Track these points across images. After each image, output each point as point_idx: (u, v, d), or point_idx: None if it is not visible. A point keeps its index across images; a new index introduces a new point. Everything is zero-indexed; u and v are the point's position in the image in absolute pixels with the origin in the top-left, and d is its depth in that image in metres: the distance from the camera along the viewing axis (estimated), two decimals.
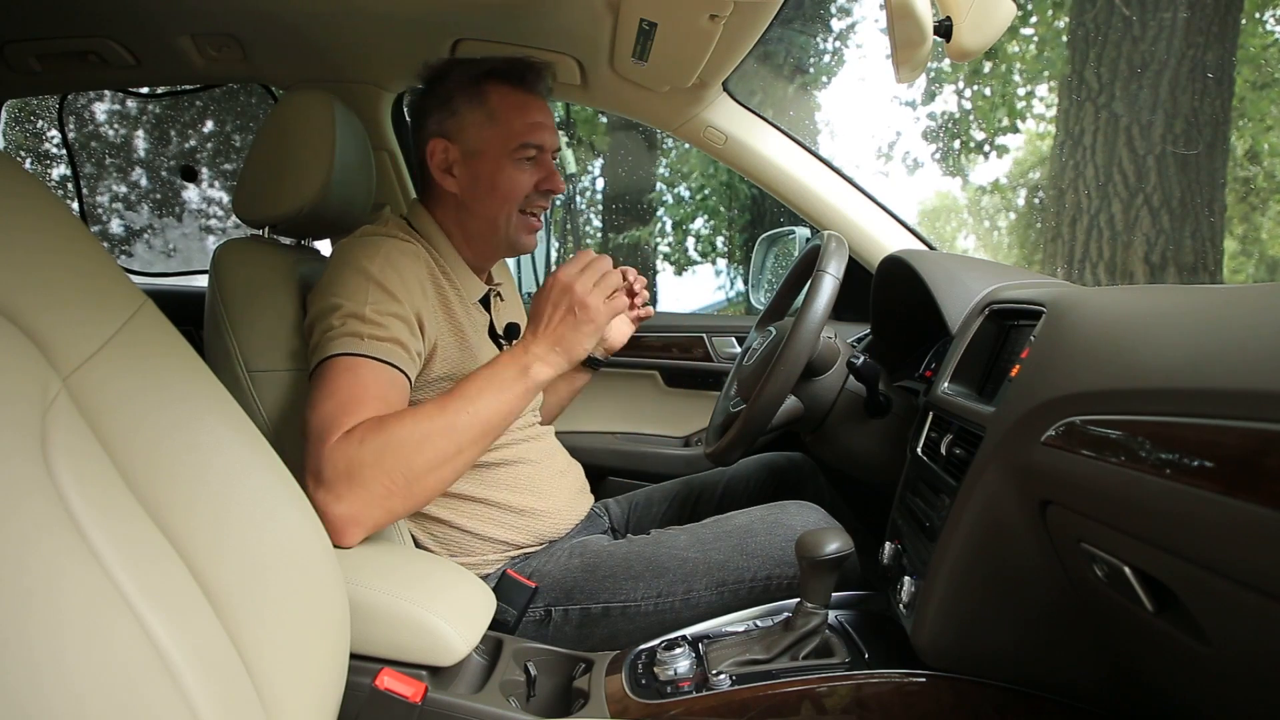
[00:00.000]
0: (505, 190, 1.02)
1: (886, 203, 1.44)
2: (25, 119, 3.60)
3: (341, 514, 0.77)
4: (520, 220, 1.04)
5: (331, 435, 0.79)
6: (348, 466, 0.77)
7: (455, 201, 1.04)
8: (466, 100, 1.01)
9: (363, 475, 0.77)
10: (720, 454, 1.03)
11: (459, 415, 0.81)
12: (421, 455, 0.79)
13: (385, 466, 0.77)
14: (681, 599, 0.96)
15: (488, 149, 1.01)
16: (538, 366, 0.84)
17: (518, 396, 0.84)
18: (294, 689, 0.56)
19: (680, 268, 5.98)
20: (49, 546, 0.40)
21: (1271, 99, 4.06)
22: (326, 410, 0.81)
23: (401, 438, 0.78)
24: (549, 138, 1.03)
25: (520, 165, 1.02)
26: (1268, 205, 4.38)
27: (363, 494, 0.77)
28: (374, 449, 0.77)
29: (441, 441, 0.80)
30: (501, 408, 0.83)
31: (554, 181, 1.04)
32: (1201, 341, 0.50)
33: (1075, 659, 0.70)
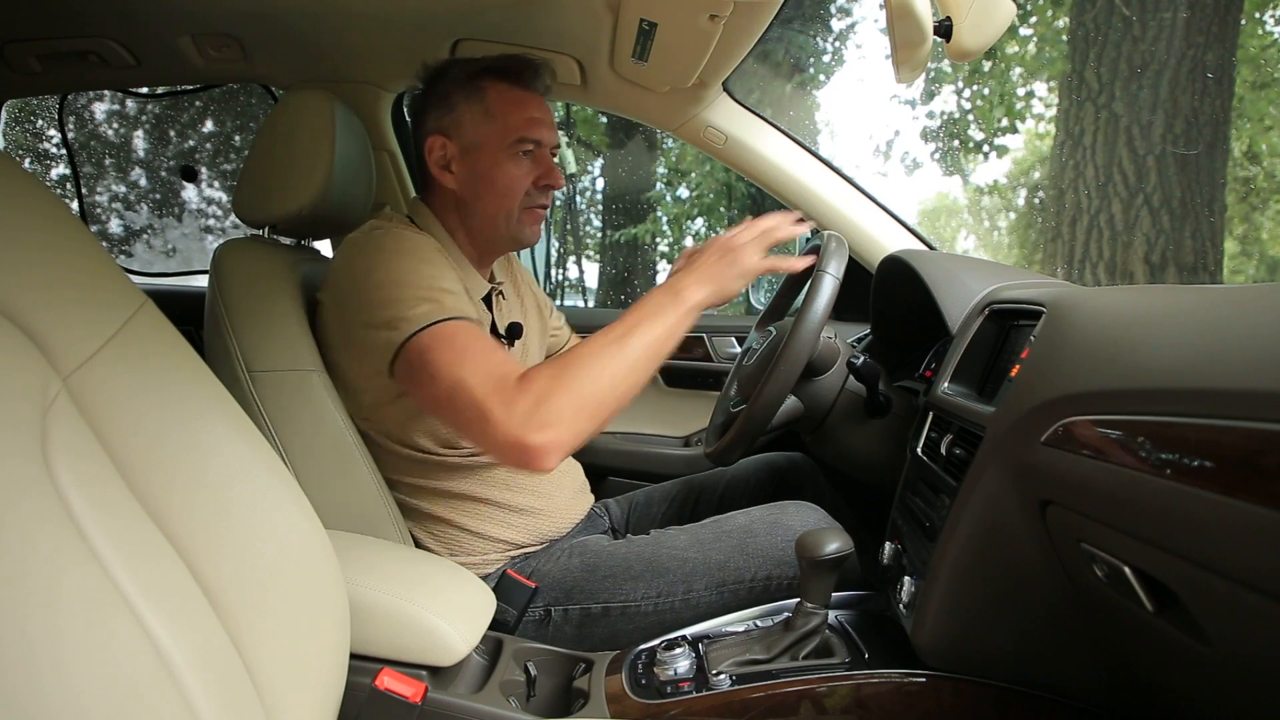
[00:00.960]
0: (503, 186, 1.02)
1: (886, 203, 1.44)
2: (25, 119, 3.60)
3: (539, 443, 0.78)
4: (522, 215, 1.05)
5: (507, 380, 0.81)
6: (537, 399, 0.79)
7: (455, 198, 1.04)
8: (464, 97, 1.01)
9: (553, 403, 0.79)
10: (720, 454, 1.02)
11: (626, 340, 0.84)
12: (603, 377, 0.81)
13: (572, 393, 0.80)
14: (681, 599, 0.96)
15: (485, 144, 1.01)
16: (691, 290, 0.88)
17: (677, 319, 0.86)
18: (294, 689, 0.56)
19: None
20: (49, 546, 0.40)
21: (1271, 99, 4.06)
22: (477, 365, 0.82)
23: (579, 368, 0.81)
24: (546, 134, 1.03)
25: (518, 161, 1.02)
26: (1268, 205, 4.38)
27: (555, 421, 0.79)
28: (556, 379, 0.80)
29: (616, 364, 0.82)
30: (661, 331, 0.85)
31: (553, 176, 1.04)
32: (1201, 341, 0.50)
33: (1075, 659, 0.70)
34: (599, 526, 1.21)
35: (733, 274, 0.89)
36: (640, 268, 5.92)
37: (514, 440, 0.78)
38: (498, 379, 0.81)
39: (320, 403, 0.96)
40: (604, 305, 5.45)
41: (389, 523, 0.97)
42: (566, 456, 0.82)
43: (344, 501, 0.96)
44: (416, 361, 0.85)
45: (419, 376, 0.85)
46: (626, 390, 0.83)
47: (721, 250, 0.90)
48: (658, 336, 0.85)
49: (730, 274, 0.89)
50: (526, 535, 1.05)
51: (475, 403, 0.80)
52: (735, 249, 0.90)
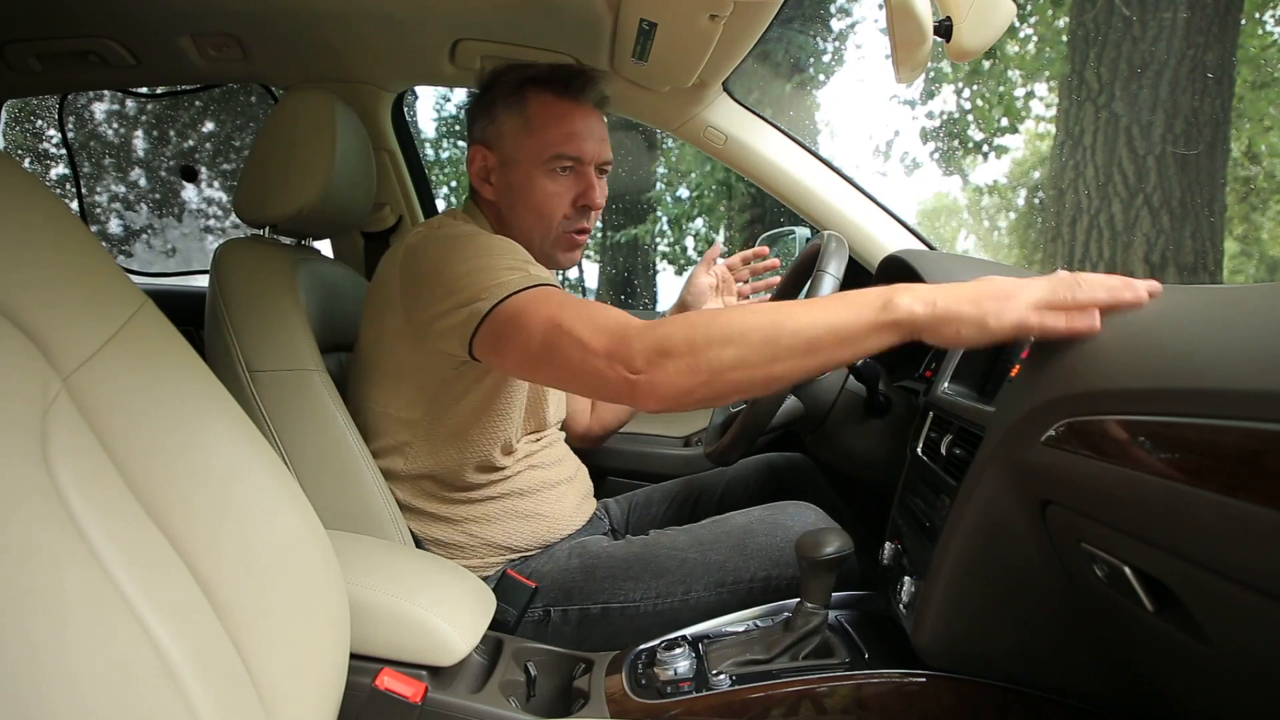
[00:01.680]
0: (538, 203, 0.99)
1: (886, 203, 1.44)
2: (25, 119, 3.60)
3: (643, 383, 0.72)
4: (559, 238, 1.01)
5: (631, 322, 0.75)
6: (658, 341, 0.72)
7: (495, 210, 1.03)
8: (506, 107, 0.99)
9: (672, 351, 0.71)
10: (720, 454, 1.03)
11: (788, 319, 0.70)
12: (734, 349, 0.70)
13: (696, 349, 0.71)
14: (680, 599, 0.96)
15: (521, 158, 0.98)
16: (904, 299, 0.68)
17: (868, 324, 0.68)
18: (294, 689, 0.56)
19: (680, 267, 5.99)
20: (49, 546, 0.40)
21: (1271, 99, 4.06)
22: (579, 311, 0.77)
23: (720, 326, 0.71)
24: (588, 148, 0.99)
25: (555, 178, 0.98)
26: (1268, 205, 4.38)
27: (668, 369, 0.71)
28: (690, 329, 0.72)
29: (759, 342, 0.70)
30: (842, 327, 0.69)
31: (590, 196, 1.00)
32: (1201, 341, 0.50)
33: (1075, 659, 0.70)
34: (599, 527, 1.21)
35: (977, 311, 0.66)
36: (640, 268, 5.93)
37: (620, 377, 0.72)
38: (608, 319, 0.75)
39: (320, 403, 0.96)
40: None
41: (389, 523, 0.97)
42: (671, 409, 0.74)
43: (344, 501, 0.96)
44: (507, 325, 0.80)
45: (510, 339, 0.80)
46: (760, 373, 0.70)
47: (999, 286, 0.67)
48: (833, 331, 0.69)
49: (974, 309, 0.66)
50: (528, 541, 1.05)
51: (578, 342, 0.75)
52: (1012, 294, 0.66)
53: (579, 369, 0.76)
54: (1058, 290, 0.65)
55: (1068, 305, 0.64)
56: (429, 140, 5.98)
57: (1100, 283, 0.65)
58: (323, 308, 1.07)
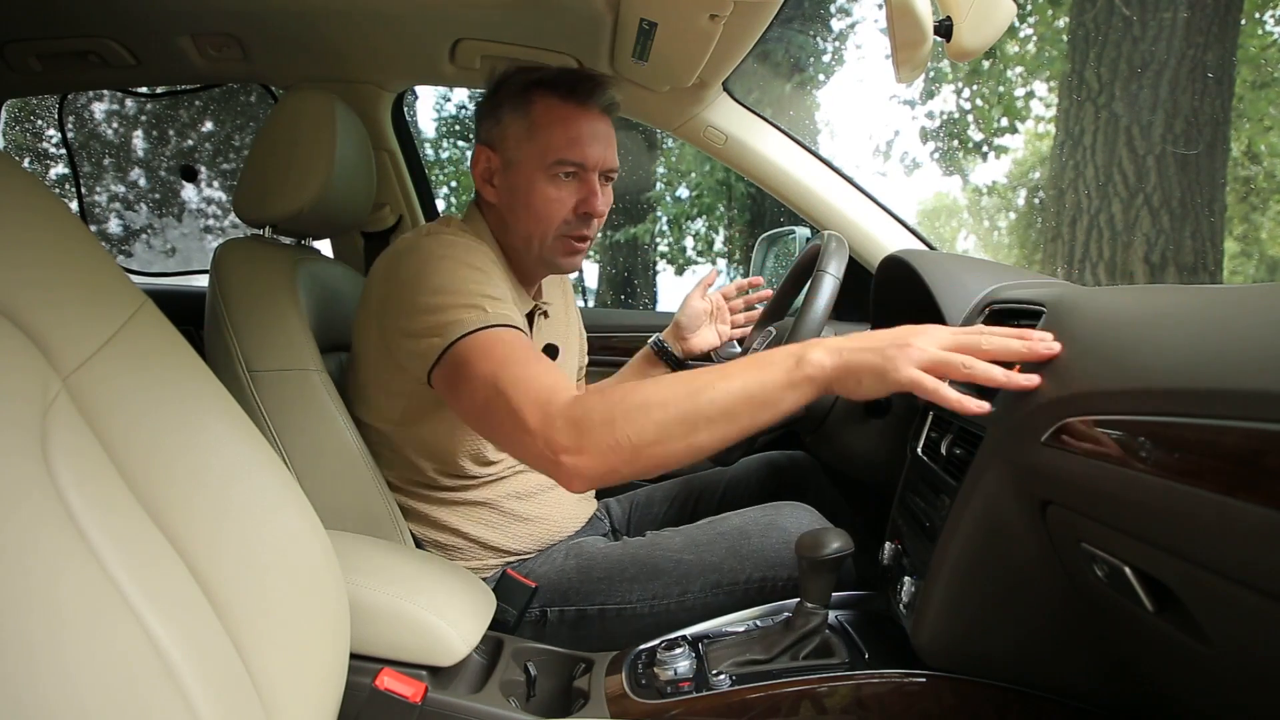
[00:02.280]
0: (539, 208, 0.98)
1: (886, 203, 1.44)
2: (25, 119, 3.60)
3: (567, 464, 0.73)
4: (557, 243, 1.01)
5: (551, 393, 0.76)
6: (577, 421, 0.73)
7: (497, 213, 1.02)
8: (511, 109, 0.98)
9: (591, 431, 0.72)
10: (720, 454, 1.02)
11: (705, 389, 0.72)
12: (653, 424, 0.71)
13: (615, 428, 0.72)
14: (677, 601, 0.96)
15: (524, 161, 0.97)
16: (816, 355, 0.70)
17: (781, 383, 0.71)
18: (294, 689, 0.56)
19: (680, 267, 5.99)
20: (49, 546, 0.40)
21: (1271, 99, 4.06)
22: (517, 375, 0.77)
23: (635, 402, 0.73)
24: (592, 154, 0.97)
25: (557, 183, 0.97)
26: (1268, 205, 4.38)
27: (589, 450, 0.72)
28: (604, 410, 0.73)
29: (677, 415, 0.71)
30: (758, 391, 0.71)
31: (591, 204, 0.98)
32: (1201, 341, 0.50)
33: (1075, 659, 0.70)
34: (598, 529, 1.21)
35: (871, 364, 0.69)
36: (640, 268, 5.93)
37: (545, 455, 0.74)
38: (539, 389, 0.76)
39: (320, 403, 0.96)
40: (604, 305, 5.46)
41: (389, 523, 0.97)
42: (597, 486, 0.77)
43: (344, 501, 0.96)
44: (457, 371, 0.82)
45: (459, 385, 0.82)
46: (683, 445, 0.72)
47: (894, 335, 0.70)
48: (748, 396, 0.71)
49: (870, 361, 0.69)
50: (528, 543, 1.04)
51: (512, 411, 0.76)
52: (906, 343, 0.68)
53: (510, 438, 0.78)
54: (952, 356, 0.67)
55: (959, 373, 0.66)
56: (429, 140, 5.98)
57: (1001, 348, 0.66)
58: (323, 308, 1.07)
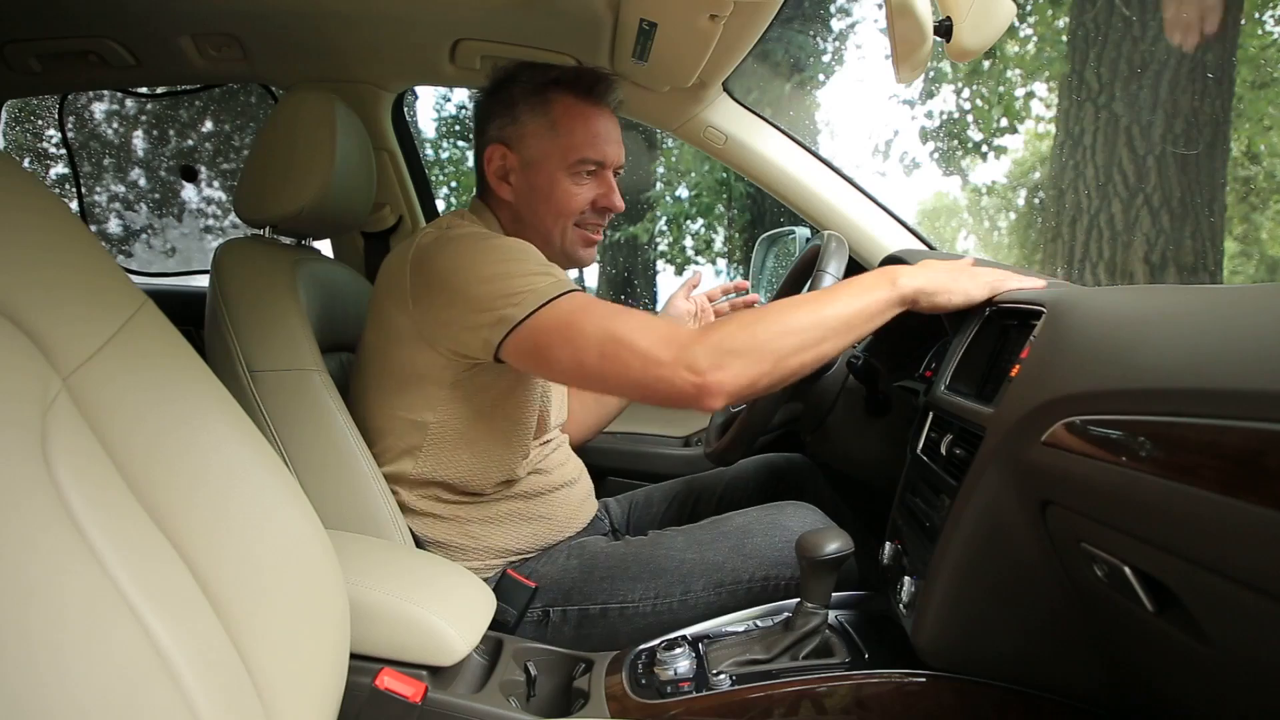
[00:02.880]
0: (560, 204, 1.00)
1: (886, 203, 1.44)
2: (25, 119, 3.60)
3: (712, 381, 0.78)
4: (575, 233, 1.03)
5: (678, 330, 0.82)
6: (718, 342, 0.79)
7: (511, 210, 1.03)
8: (529, 108, 0.99)
9: (734, 348, 0.79)
10: (720, 454, 1.03)
11: (826, 307, 0.83)
12: (791, 337, 0.81)
13: (758, 342, 0.80)
14: (679, 600, 0.96)
15: (546, 160, 0.99)
16: (906, 277, 0.86)
17: (881, 299, 0.85)
18: (294, 689, 0.56)
19: (679, 267, 5.99)
20: (49, 546, 0.40)
21: (1271, 99, 4.06)
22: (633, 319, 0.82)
23: (772, 320, 0.81)
24: (611, 152, 1.01)
25: (578, 180, 1.00)
26: (1268, 205, 4.38)
27: (733, 365, 0.79)
28: (746, 326, 0.81)
29: (809, 327, 0.81)
30: (867, 307, 0.84)
31: (611, 199, 1.02)
32: (1201, 341, 0.50)
33: (1075, 659, 0.70)
34: (598, 528, 1.21)
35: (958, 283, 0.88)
36: (639, 267, 5.93)
37: (685, 380, 0.78)
38: (658, 329, 0.81)
39: (321, 403, 0.96)
40: None
41: (389, 523, 0.97)
42: (736, 402, 0.83)
43: (344, 501, 0.95)
44: (550, 335, 0.83)
45: (553, 348, 0.83)
46: (812, 353, 0.82)
47: (960, 262, 0.91)
48: (857, 309, 0.83)
49: (954, 281, 0.87)
50: (528, 543, 1.04)
51: (639, 352, 0.80)
52: (972, 268, 0.90)
53: (641, 377, 0.81)
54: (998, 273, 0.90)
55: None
56: (429, 140, 5.98)
57: None
58: (323, 308, 1.07)
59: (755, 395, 0.83)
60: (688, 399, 0.80)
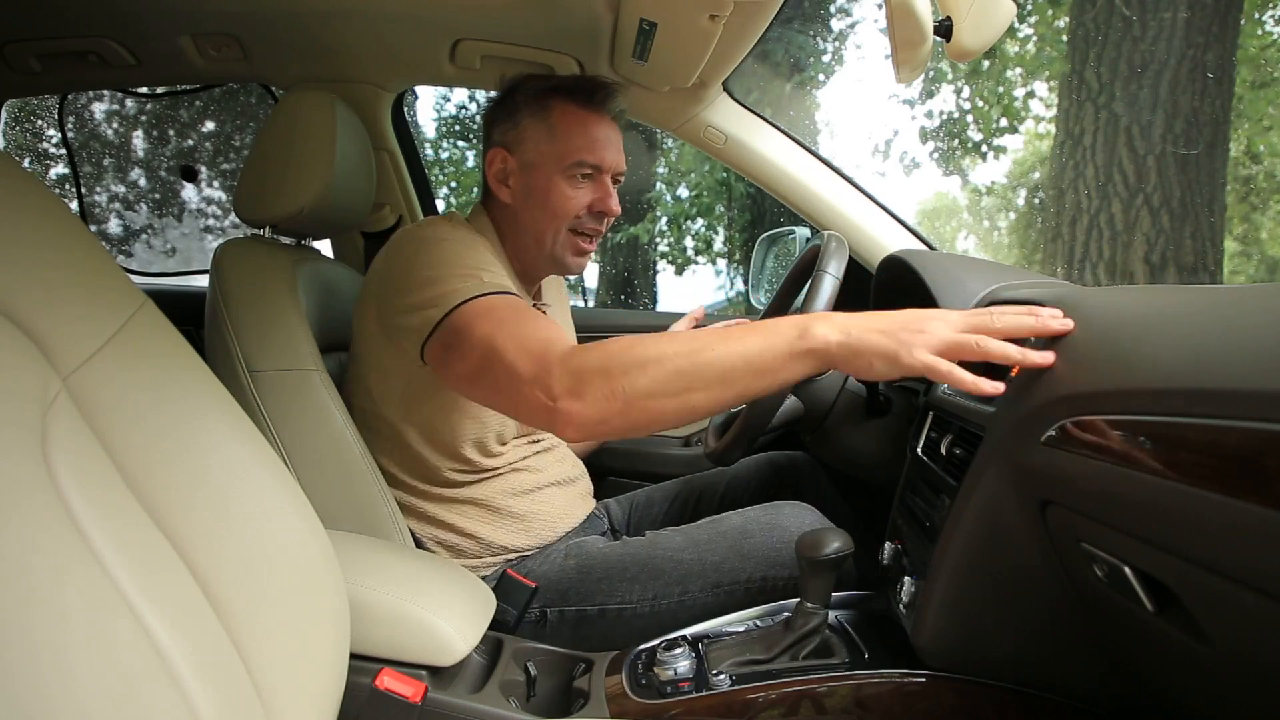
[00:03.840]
0: (555, 207, 1.01)
1: (886, 203, 1.44)
2: (25, 119, 3.60)
3: (561, 410, 0.74)
4: (568, 239, 1.04)
5: (553, 346, 0.77)
6: (576, 368, 0.74)
7: (509, 212, 1.05)
8: (529, 113, 1.02)
9: (589, 379, 0.73)
10: (720, 454, 1.02)
11: (705, 349, 0.72)
12: (648, 377, 0.72)
13: (612, 377, 0.72)
14: (677, 600, 0.96)
15: (543, 163, 1.01)
16: (820, 327, 0.70)
17: (783, 354, 0.70)
18: (294, 689, 0.56)
19: (680, 267, 5.99)
20: (49, 546, 0.40)
21: (1271, 99, 4.06)
22: (512, 332, 0.79)
23: (633, 354, 0.73)
24: (608, 157, 1.02)
25: (575, 183, 1.01)
26: (1268, 205, 4.38)
27: (584, 396, 0.73)
28: (601, 359, 0.74)
29: (673, 371, 0.71)
30: (756, 357, 0.70)
31: (607, 203, 1.03)
32: (1201, 341, 0.50)
33: (1075, 659, 0.70)
34: (597, 528, 1.21)
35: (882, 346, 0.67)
36: (640, 268, 5.92)
37: (541, 402, 0.74)
38: (534, 342, 0.78)
39: (320, 402, 0.96)
40: (604, 305, 5.45)
41: (389, 523, 0.97)
42: (588, 438, 0.77)
43: (344, 501, 0.96)
44: (453, 338, 0.83)
45: (453, 353, 0.83)
46: (676, 403, 0.72)
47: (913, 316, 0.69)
48: (748, 363, 0.70)
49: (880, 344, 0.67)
50: (526, 539, 1.05)
51: (506, 366, 0.77)
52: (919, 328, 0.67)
53: (505, 392, 0.79)
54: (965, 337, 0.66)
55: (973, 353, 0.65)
56: (429, 140, 5.98)
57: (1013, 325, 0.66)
58: (323, 308, 1.07)
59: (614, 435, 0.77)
60: (542, 421, 0.76)
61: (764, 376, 0.71)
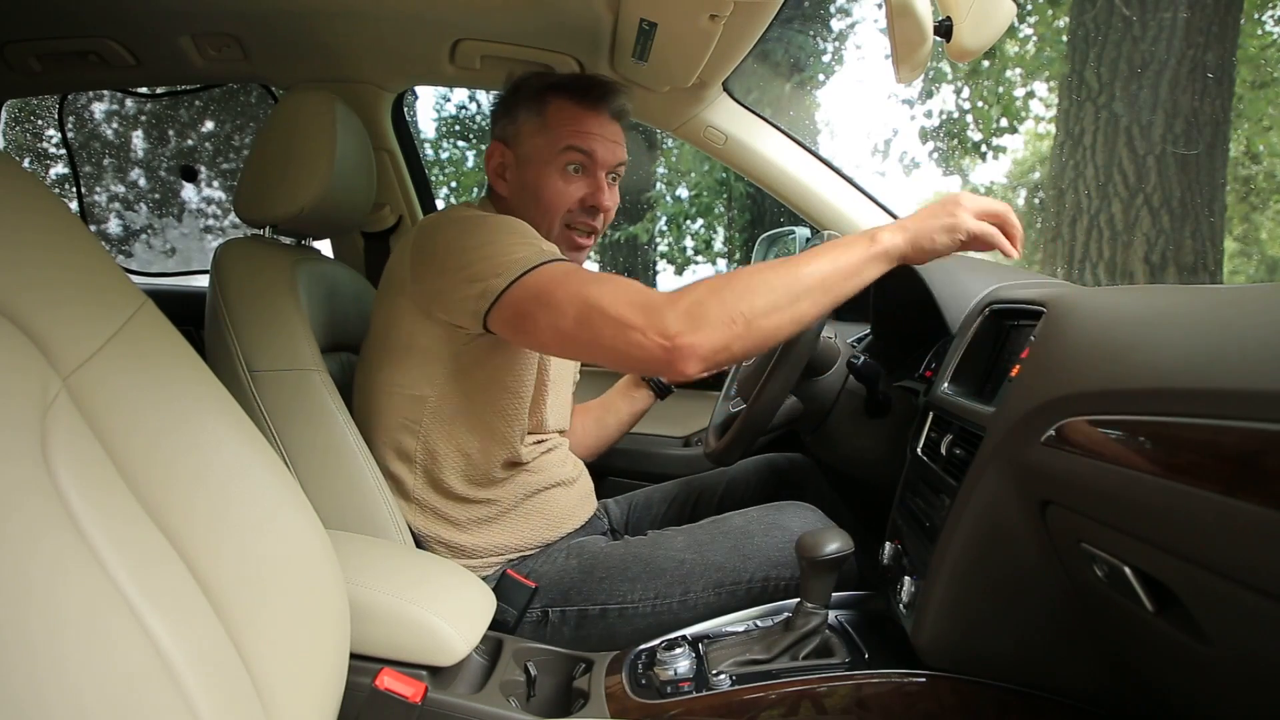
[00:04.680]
0: (547, 200, 1.02)
1: (886, 203, 1.44)
2: (25, 119, 3.60)
3: (684, 345, 0.76)
4: (563, 234, 1.04)
5: (652, 294, 0.80)
6: (689, 305, 0.77)
7: (506, 206, 1.06)
8: (526, 108, 1.04)
9: (705, 311, 0.77)
10: (720, 454, 1.02)
11: (800, 266, 0.80)
12: (761, 297, 0.78)
13: (727, 304, 0.77)
14: (679, 600, 0.96)
15: (536, 155, 1.02)
16: (887, 233, 0.81)
17: (862, 258, 0.81)
18: (294, 689, 0.56)
19: (679, 267, 5.99)
20: (49, 547, 0.40)
21: (1271, 99, 4.06)
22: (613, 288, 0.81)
23: (743, 281, 0.79)
24: (600, 148, 1.02)
25: (566, 176, 1.02)
26: (1268, 205, 4.38)
27: (705, 327, 0.77)
28: (716, 289, 0.78)
29: (781, 287, 0.79)
30: (844, 265, 0.80)
31: (598, 197, 1.03)
32: (1201, 341, 0.50)
33: (1076, 659, 0.70)
34: (597, 528, 1.21)
35: (937, 225, 0.82)
36: (640, 267, 5.93)
37: (657, 344, 0.77)
38: (631, 293, 0.80)
39: (320, 402, 0.96)
40: None
41: (389, 523, 0.97)
42: (709, 367, 0.79)
43: (344, 501, 0.95)
44: (530, 303, 0.84)
45: (533, 316, 0.84)
46: (787, 314, 0.79)
47: (942, 202, 0.84)
48: (836, 269, 0.80)
49: (935, 224, 0.82)
50: (527, 539, 1.05)
51: (611, 318, 0.79)
52: (956, 202, 0.83)
53: (613, 342, 0.80)
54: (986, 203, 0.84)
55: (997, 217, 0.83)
56: (429, 140, 5.99)
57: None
58: (323, 308, 1.07)
59: (731, 360, 0.80)
60: (660, 365, 0.78)
61: (853, 278, 0.81)
